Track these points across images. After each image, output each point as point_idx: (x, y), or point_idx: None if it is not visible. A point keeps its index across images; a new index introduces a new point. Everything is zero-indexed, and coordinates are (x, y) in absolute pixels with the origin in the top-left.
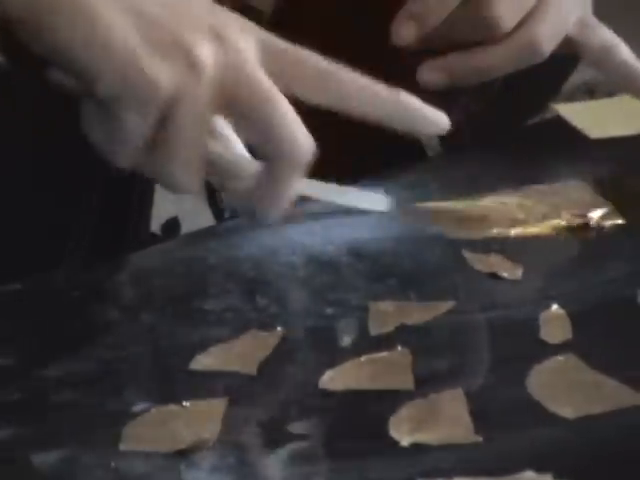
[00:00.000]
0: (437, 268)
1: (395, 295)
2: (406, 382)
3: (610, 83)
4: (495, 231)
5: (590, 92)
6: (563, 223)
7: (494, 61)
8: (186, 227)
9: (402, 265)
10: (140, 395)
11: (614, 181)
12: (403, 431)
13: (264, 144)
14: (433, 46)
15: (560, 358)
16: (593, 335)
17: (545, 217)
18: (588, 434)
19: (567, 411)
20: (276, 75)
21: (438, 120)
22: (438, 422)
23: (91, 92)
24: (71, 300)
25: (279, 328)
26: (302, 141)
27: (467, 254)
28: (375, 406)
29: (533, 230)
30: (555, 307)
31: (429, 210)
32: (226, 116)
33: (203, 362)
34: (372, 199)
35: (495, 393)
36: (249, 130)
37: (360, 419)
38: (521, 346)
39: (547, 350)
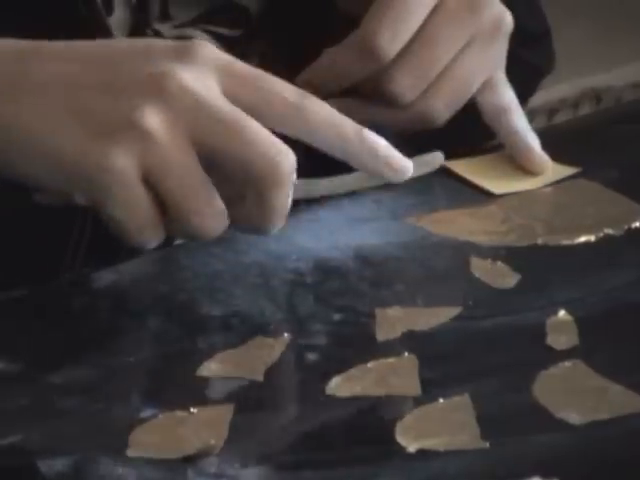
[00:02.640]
0: (444, 274)
1: (402, 301)
2: (413, 388)
3: (617, 90)
4: (510, 237)
5: (597, 99)
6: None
7: (389, 120)
8: None
9: (409, 271)
10: (147, 401)
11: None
12: (410, 437)
13: (244, 169)
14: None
15: (567, 364)
16: (600, 341)
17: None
18: (595, 440)
19: (574, 417)
20: (240, 102)
21: (402, 167)
22: (445, 428)
23: (73, 202)
24: (77, 306)
25: (286, 334)
26: (280, 151)
27: (473, 260)
28: (382, 412)
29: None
30: (562, 313)
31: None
32: (204, 156)
33: (210, 368)
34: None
35: (502, 399)
36: (226, 161)
37: (367, 425)
38: (528, 352)
39: (554, 356)
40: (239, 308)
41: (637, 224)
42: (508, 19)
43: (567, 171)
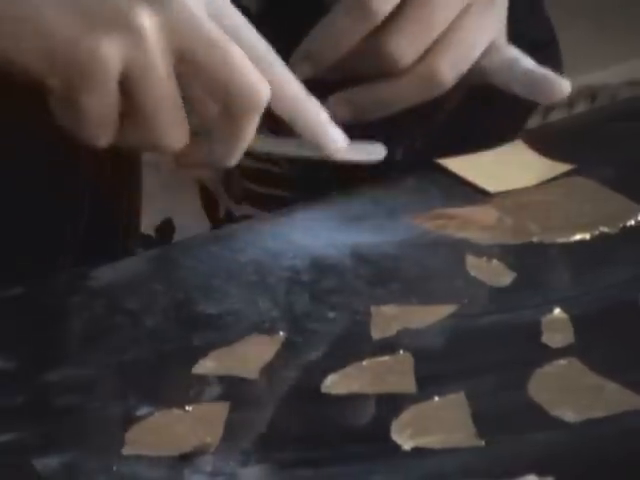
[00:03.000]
0: (440, 272)
1: (397, 299)
2: (408, 386)
3: (612, 88)
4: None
5: (592, 97)
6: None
7: (396, 93)
8: (180, 229)
9: (405, 269)
10: (143, 399)
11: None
12: (405, 435)
13: (221, 87)
14: (336, 78)
15: (562, 362)
16: (595, 339)
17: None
18: (590, 438)
19: (569, 415)
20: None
21: (335, 138)
22: (440, 426)
23: (46, 88)
24: (73, 304)
25: (281, 332)
26: (258, 82)
27: (469, 258)
28: (377, 410)
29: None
30: (557, 311)
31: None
32: (185, 73)
33: (206, 366)
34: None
35: (497, 397)
36: (205, 78)
37: (362, 423)
38: (523, 350)
39: (549, 354)
40: (235, 306)
41: (632, 222)
42: None
43: (561, 168)
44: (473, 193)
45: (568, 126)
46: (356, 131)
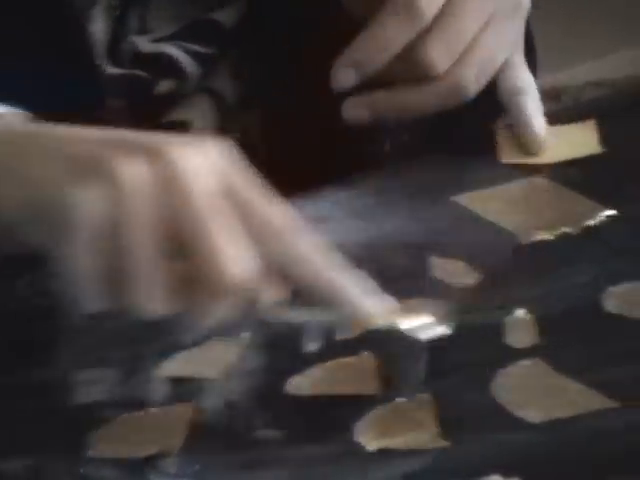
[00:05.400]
0: (404, 273)
1: None
2: (372, 387)
3: (577, 88)
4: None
5: (557, 97)
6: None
7: (419, 101)
8: None
9: (368, 270)
10: (107, 402)
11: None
12: (369, 436)
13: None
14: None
15: (526, 362)
16: (559, 339)
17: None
18: (554, 438)
19: (533, 415)
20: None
21: (366, 309)
22: (404, 427)
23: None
24: (36, 307)
25: (244, 334)
26: (225, 268)
27: (433, 260)
28: (341, 411)
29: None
30: (521, 312)
31: None
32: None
33: (170, 369)
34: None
35: (461, 398)
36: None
37: (326, 424)
38: (487, 351)
39: (512, 354)
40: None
41: (593, 222)
42: (525, 1)
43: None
44: (435, 193)
45: None
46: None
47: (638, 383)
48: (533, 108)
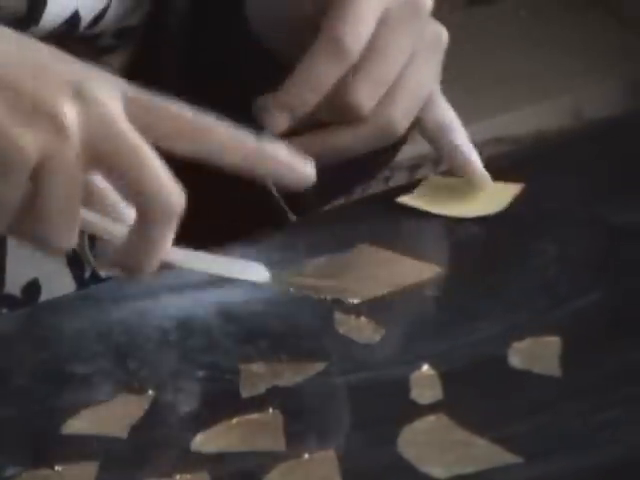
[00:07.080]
0: (308, 329)
1: (266, 356)
2: (278, 443)
3: (477, 145)
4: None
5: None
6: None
7: (351, 142)
8: (46, 289)
9: (272, 326)
10: (11, 459)
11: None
12: None
13: (135, 196)
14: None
15: (431, 418)
16: (463, 395)
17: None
18: None
19: (438, 471)
20: (144, 129)
21: (304, 172)
22: None
23: None
24: None
25: (150, 391)
26: (171, 191)
27: (337, 315)
28: (247, 468)
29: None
30: (425, 367)
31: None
32: (98, 172)
33: (75, 426)
34: (250, 269)
35: (366, 454)
36: (121, 184)
37: None
38: (392, 406)
39: (418, 410)
40: (103, 365)
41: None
42: (445, 35)
43: (513, 189)
44: (336, 246)
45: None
46: None
47: (542, 438)
48: (463, 141)
